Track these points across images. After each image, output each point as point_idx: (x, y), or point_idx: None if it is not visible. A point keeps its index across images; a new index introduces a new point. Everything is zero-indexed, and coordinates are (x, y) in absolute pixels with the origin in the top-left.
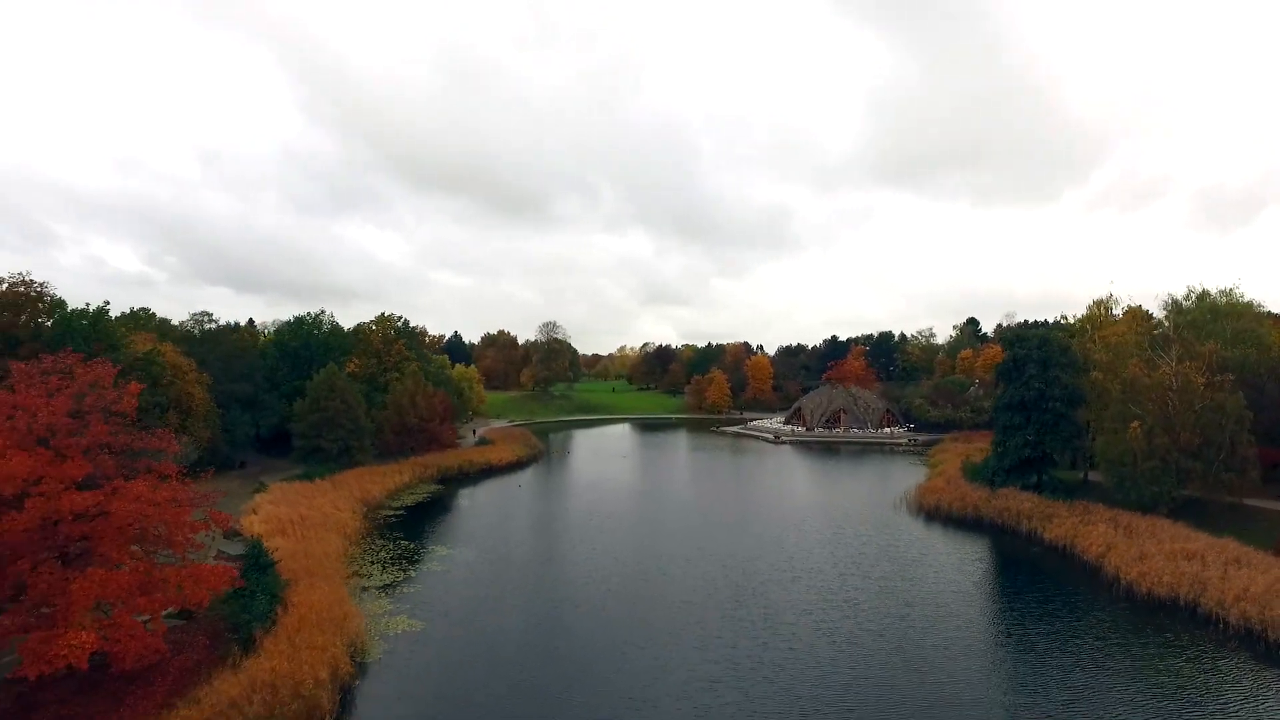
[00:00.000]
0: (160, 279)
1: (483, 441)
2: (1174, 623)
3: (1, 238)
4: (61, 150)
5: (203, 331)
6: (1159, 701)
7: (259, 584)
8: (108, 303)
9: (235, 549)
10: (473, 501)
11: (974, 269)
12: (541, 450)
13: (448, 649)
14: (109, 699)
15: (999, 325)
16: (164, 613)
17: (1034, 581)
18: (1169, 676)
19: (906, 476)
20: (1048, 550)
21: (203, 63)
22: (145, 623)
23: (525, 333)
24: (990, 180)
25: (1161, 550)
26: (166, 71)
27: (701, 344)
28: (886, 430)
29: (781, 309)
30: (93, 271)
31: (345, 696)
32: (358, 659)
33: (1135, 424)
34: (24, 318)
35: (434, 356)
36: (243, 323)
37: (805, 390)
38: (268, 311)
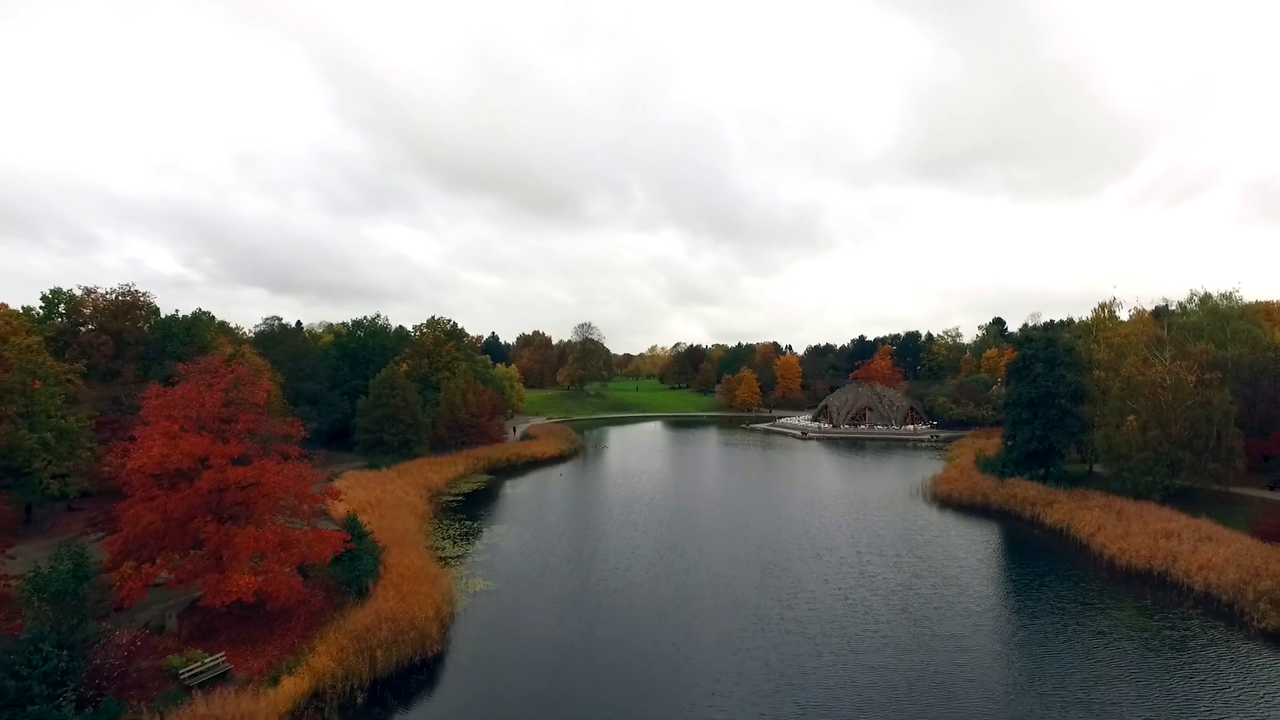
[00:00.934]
0: (197, 280)
1: (525, 436)
2: (1146, 588)
3: (48, 241)
4: (102, 155)
5: (268, 333)
6: (1124, 649)
7: (362, 548)
8: (200, 309)
9: (325, 525)
10: (522, 490)
11: (1011, 266)
12: (580, 445)
13: (518, 604)
14: (263, 628)
15: (1024, 325)
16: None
17: (1031, 557)
18: (1136, 630)
19: (925, 469)
20: (1047, 532)
21: (236, 66)
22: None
23: (557, 332)
24: (1029, 175)
25: (1145, 530)
26: (200, 75)
27: (732, 344)
28: (910, 427)
29: (813, 308)
30: (132, 273)
31: (446, 633)
32: (449, 608)
33: (1131, 418)
34: (129, 322)
35: (478, 357)
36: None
37: (833, 389)
38: (302, 312)
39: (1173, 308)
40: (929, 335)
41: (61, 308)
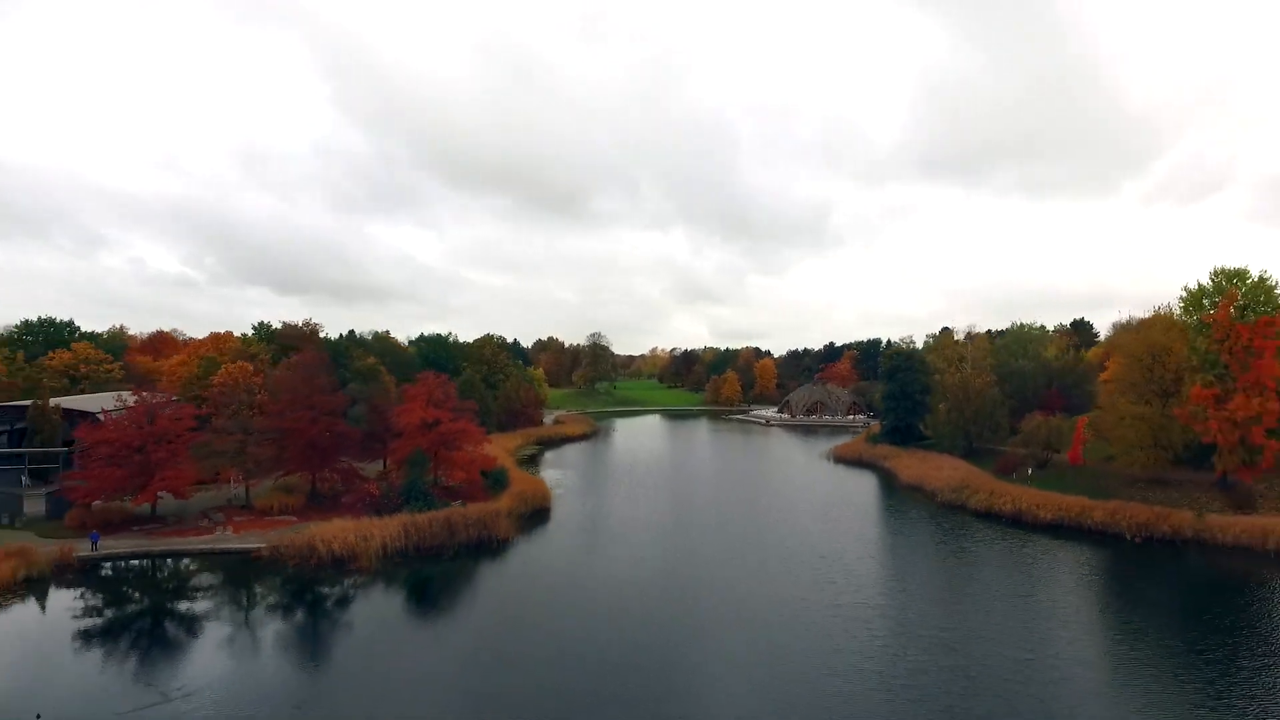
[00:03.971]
0: (200, 279)
1: (557, 422)
2: (915, 494)
3: (55, 240)
4: (106, 153)
5: (377, 345)
6: (886, 516)
7: (498, 469)
8: (354, 330)
9: None
10: (563, 455)
11: (1019, 266)
12: (598, 429)
13: (576, 499)
14: (465, 498)
15: (966, 333)
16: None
17: (865, 482)
18: (894, 508)
19: (839, 443)
20: (884, 471)
21: (241, 64)
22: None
23: (562, 331)
24: (1045, 172)
25: (928, 467)
26: (205, 72)
27: (736, 343)
28: (851, 417)
29: (819, 307)
30: (135, 272)
31: (551, 501)
32: (550, 492)
33: (943, 406)
34: (311, 345)
35: (515, 362)
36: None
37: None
38: (305, 311)
39: (971, 335)
40: (888, 342)
41: (261, 334)
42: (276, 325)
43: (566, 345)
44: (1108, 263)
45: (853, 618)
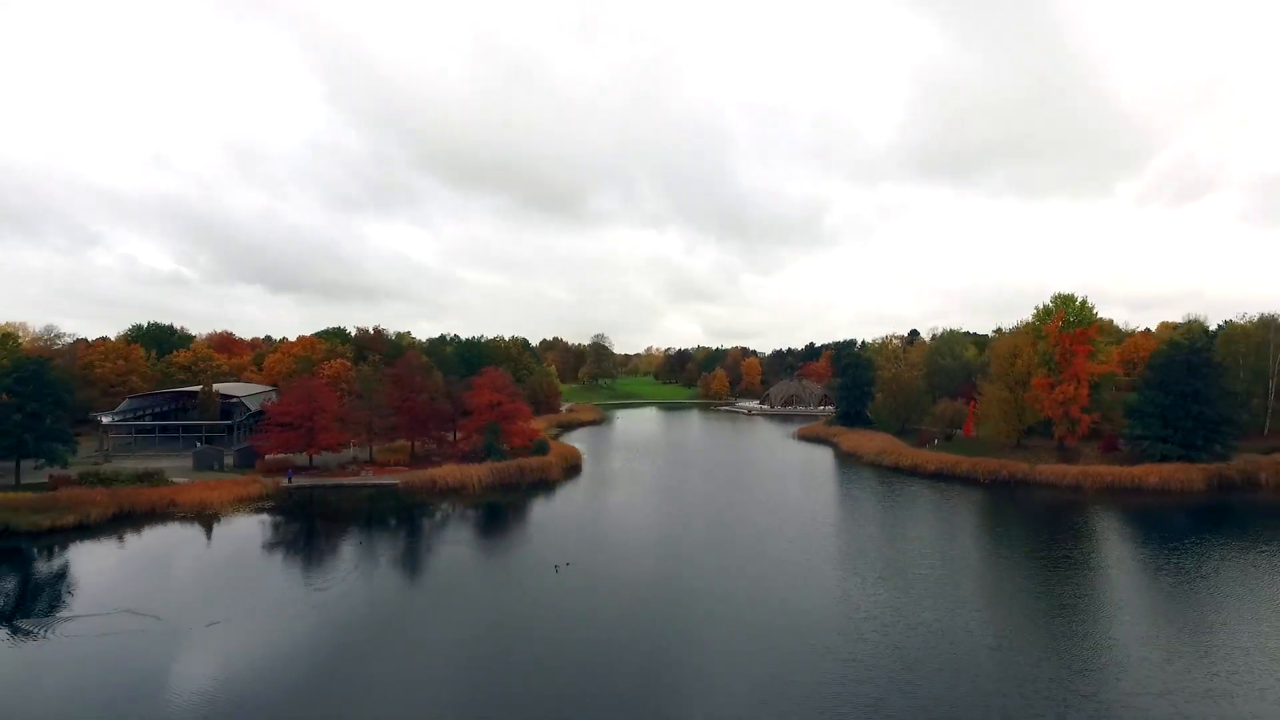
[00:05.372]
0: (192, 277)
1: (570, 411)
2: (850, 458)
3: (47, 239)
4: (99, 151)
5: (427, 346)
6: (837, 476)
7: (540, 440)
8: (408, 332)
9: None
10: (578, 434)
11: (1012, 265)
12: (605, 417)
13: (600, 462)
14: (531, 456)
15: (932, 335)
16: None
17: (819, 453)
18: (840, 472)
19: (804, 426)
20: (832, 445)
21: (235, 61)
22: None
23: (554, 329)
24: (1039, 172)
25: (864, 439)
26: (198, 69)
27: (729, 342)
28: (821, 408)
29: (814, 307)
30: (127, 271)
31: (582, 460)
32: (581, 455)
33: (880, 395)
34: (380, 344)
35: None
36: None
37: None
38: (297, 310)
39: (905, 339)
40: (863, 342)
41: (336, 338)
42: (350, 329)
43: (571, 345)
44: (1101, 263)
45: (783, 519)
